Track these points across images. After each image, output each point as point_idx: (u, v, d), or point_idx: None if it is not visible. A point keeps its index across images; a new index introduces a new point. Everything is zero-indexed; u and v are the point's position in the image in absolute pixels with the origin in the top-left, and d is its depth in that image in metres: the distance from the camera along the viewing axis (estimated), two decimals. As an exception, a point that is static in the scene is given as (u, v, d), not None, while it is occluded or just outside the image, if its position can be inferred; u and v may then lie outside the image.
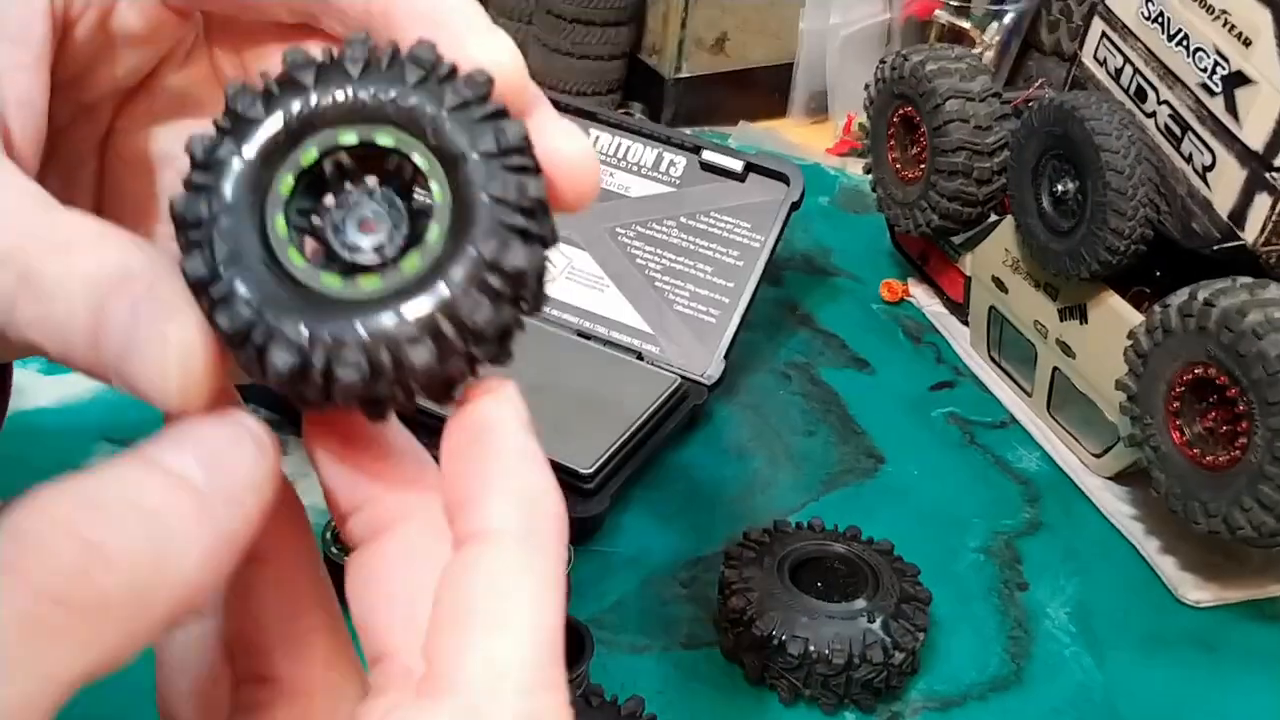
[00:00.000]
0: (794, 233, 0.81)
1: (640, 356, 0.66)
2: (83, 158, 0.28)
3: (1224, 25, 0.55)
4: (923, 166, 0.70)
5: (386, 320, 0.22)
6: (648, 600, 0.55)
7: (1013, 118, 0.67)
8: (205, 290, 0.22)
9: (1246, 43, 0.54)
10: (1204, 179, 0.57)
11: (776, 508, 0.61)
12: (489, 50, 0.24)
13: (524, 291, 0.23)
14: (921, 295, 0.79)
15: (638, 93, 0.98)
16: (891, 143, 0.73)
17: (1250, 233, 0.55)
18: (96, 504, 0.20)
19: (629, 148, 0.71)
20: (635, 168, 0.71)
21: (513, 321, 0.23)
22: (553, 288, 0.62)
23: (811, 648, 0.50)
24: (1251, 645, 0.57)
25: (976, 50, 0.93)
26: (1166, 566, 0.60)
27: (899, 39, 0.97)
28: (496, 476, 0.23)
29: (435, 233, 0.23)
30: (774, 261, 0.69)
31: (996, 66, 0.96)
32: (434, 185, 0.23)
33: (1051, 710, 0.53)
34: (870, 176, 0.76)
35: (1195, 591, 0.59)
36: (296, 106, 0.23)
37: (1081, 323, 0.64)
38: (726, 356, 0.66)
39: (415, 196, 0.24)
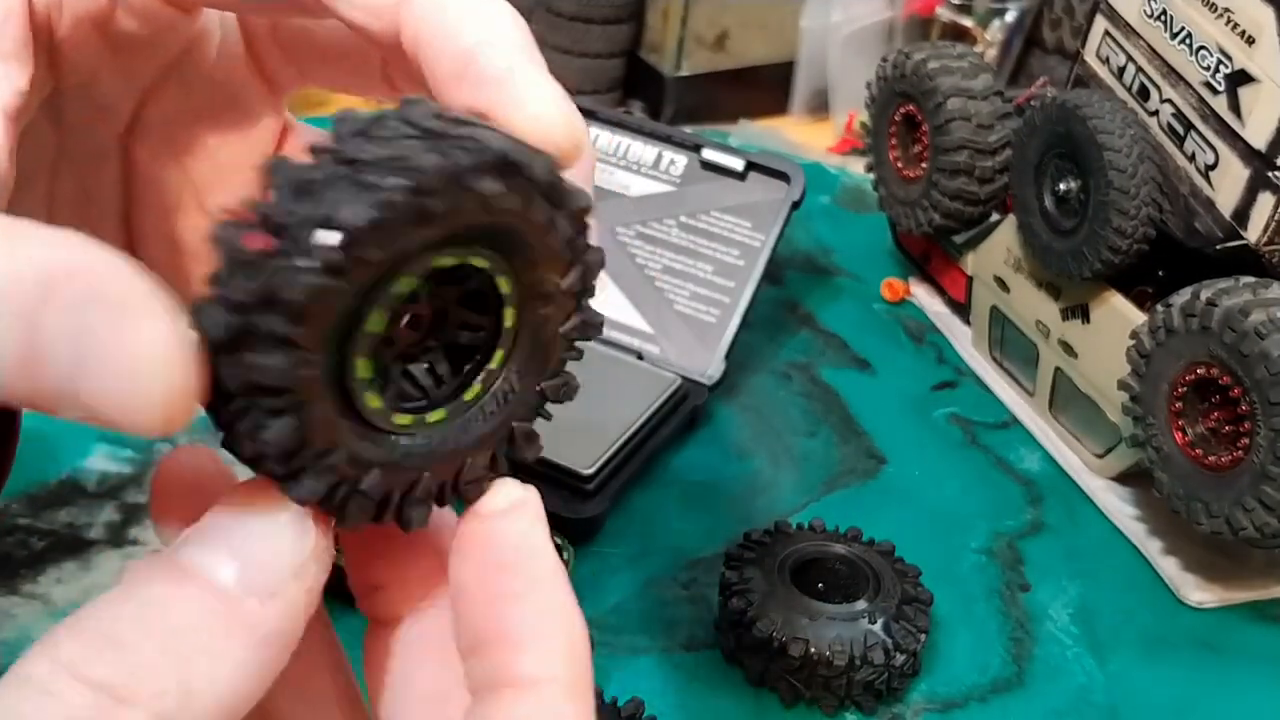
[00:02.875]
0: (795, 232, 0.80)
1: (640, 356, 0.66)
2: (103, 153, 0.27)
3: (1227, 23, 0.55)
4: (924, 165, 0.70)
5: (465, 463, 0.22)
6: (648, 602, 0.55)
7: (1015, 116, 0.67)
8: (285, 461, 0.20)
9: (1250, 41, 0.54)
10: (1207, 178, 0.56)
11: (777, 509, 0.61)
12: (540, 117, 0.21)
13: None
14: (923, 295, 0.78)
15: (638, 91, 0.98)
16: (893, 141, 0.72)
17: (1253, 232, 0.55)
18: (109, 638, 0.18)
19: (629, 146, 0.71)
20: (635, 166, 0.71)
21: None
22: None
23: (812, 649, 0.49)
24: (1254, 646, 0.57)
25: (979, 48, 0.93)
26: (1169, 567, 0.60)
27: (901, 37, 0.97)
28: (538, 617, 0.21)
29: (499, 359, 0.22)
30: (775, 261, 0.68)
31: (999, 65, 0.96)
32: (508, 311, 0.22)
33: (1053, 712, 0.53)
34: (872, 175, 0.76)
35: (1198, 592, 0.59)
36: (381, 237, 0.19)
37: (1084, 322, 0.63)
38: (727, 356, 0.66)
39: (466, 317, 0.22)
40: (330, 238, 0.18)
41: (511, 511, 0.22)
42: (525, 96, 0.22)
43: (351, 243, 0.18)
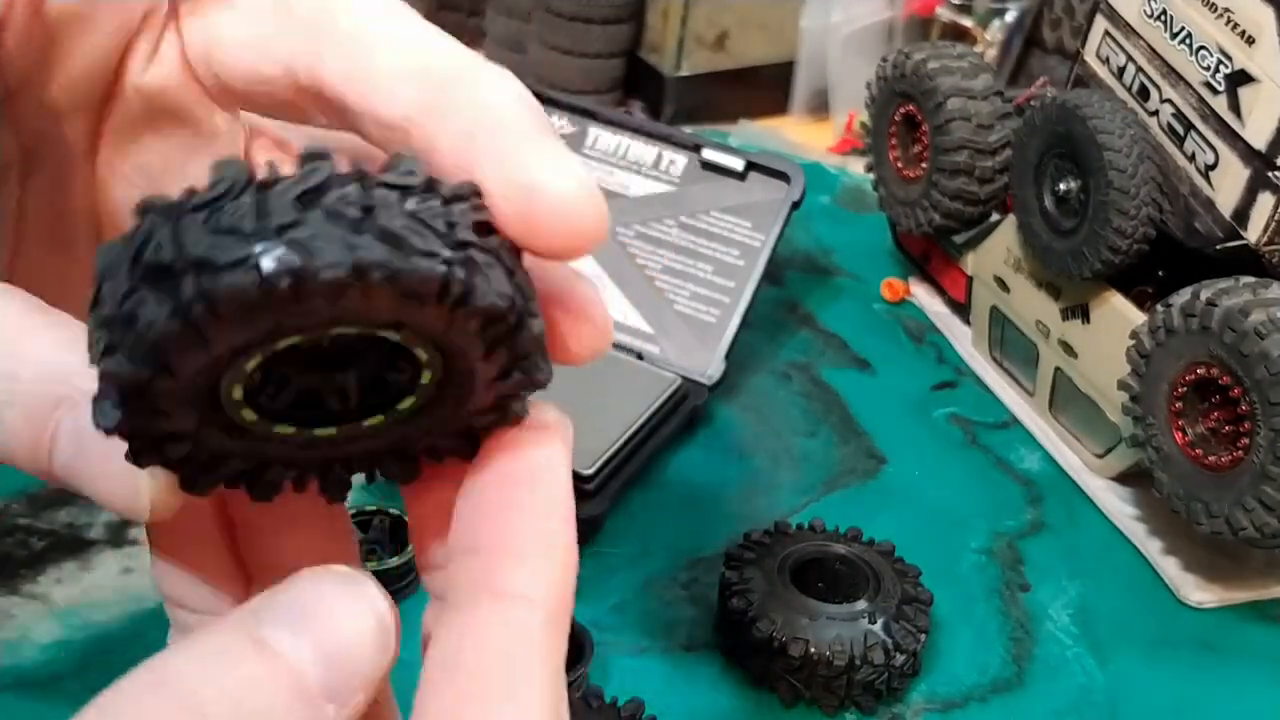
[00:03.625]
0: (795, 232, 0.80)
1: (640, 356, 0.66)
2: (72, 163, 0.27)
3: (1227, 23, 0.55)
4: (924, 165, 0.70)
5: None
6: (648, 602, 0.55)
7: (1015, 116, 0.67)
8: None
9: (1250, 41, 0.54)
10: (1207, 178, 0.56)
11: (777, 509, 0.60)
12: (557, 187, 0.20)
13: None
14: (923, 295, 0.78)
15: (638, 91, 0.98)
16: (893, 141, 0.72)
17: (1253, 232, 0.55)
18: (198, 707, 0.18)
19: (629, 146, 0.71)
20: (635, 166, 0.71)
21: None
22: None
23: (812, 649, 0.49)
24: (1254, 646, 0.57)
25: (979, 48, 0.93)
26: (1169, 568, 0.60)
27: (901, 37, 0.97)
28: (543, 537, 0.21)
29: (409, 404, 0.21)
30: (775, 261, 0.68)
31: (999, 65, 0.96)
32: (425, 373, 0.20)
33: (1053, 712, 0.52)
34: (872, 175, 0.76)
35: (1198, 593, 0.59)
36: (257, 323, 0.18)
37: (1084, 322, 0.63)
38: (727, 356, 0.66)
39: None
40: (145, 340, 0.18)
41: (548, 430, 0.22)
42: (539, 165, 0.20)
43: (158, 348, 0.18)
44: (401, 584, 0.52)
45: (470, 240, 0.19)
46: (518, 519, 0.21)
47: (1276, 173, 0.54)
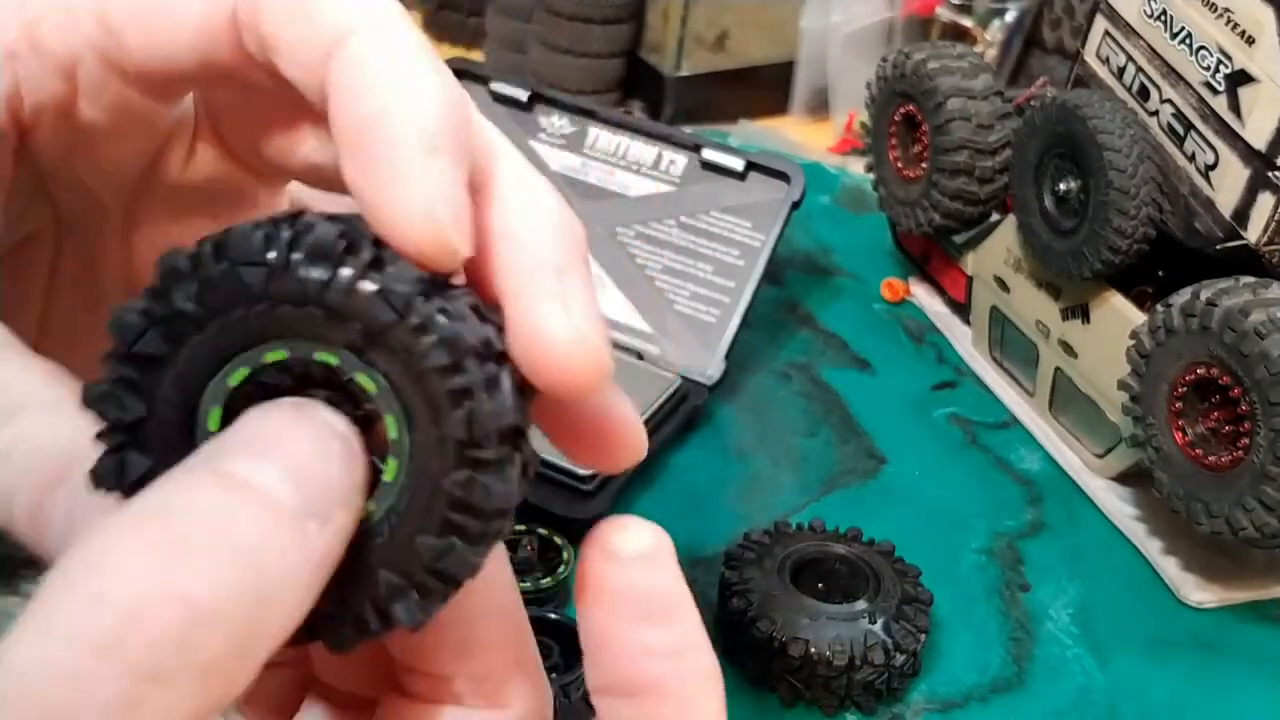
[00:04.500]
0: (795, 232, 0.80)
1: (640, 356, 0.66)
2: (107, 236, 0.27)
3: (1227, 23, 0.55)
4: (924, 165, 0.70)
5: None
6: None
7: (1015, 116, 0.67)
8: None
9: (1250, 41, 0.54)
10: (1207, 178, 0.56)
11: (777, 509, 0.60)
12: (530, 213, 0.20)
13: (499, 524, 0.20)
14: (923, 295, 0.78)
15: (638, 91, 0.98)
16: (893, 141, 0.72)
17: (1253, 232, 0.55)
18: (188, 544, 0.17)
19: (629, 146, 0.71)
20: (635, 166, 0.71)
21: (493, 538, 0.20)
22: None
23: (812, 649, 0.49)
24: (1254, 646, 0.57)
25: (979, 48, 0.93)
26: (1169, 568, 0.60)
27: (900, 37, 0.97)
28: (697, 681, 0.22)
29: (392, 469, 0.20)
30: (775, 261, 0.68)
31: (999, 64, 0.96)
32: (388, 418, 0.20)
33: (1053, 712, 0.53)
34: (872, 175, 0.76)
35: (1197, 593, 0.59)
36: (202, 334, 0.19)
37: (1084, 322, 0.63)
38: (727, 356, 0.66)
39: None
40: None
41: (654, 556, 0.22)
42: (546, 311, 0.20)
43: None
44: (553, 605, 0.53)
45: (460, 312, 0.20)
46: (665, 664, 0.22)
47: (1276, 173, 0.54)
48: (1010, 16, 0.95)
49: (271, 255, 0.19)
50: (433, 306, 0.19)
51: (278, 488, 0.18)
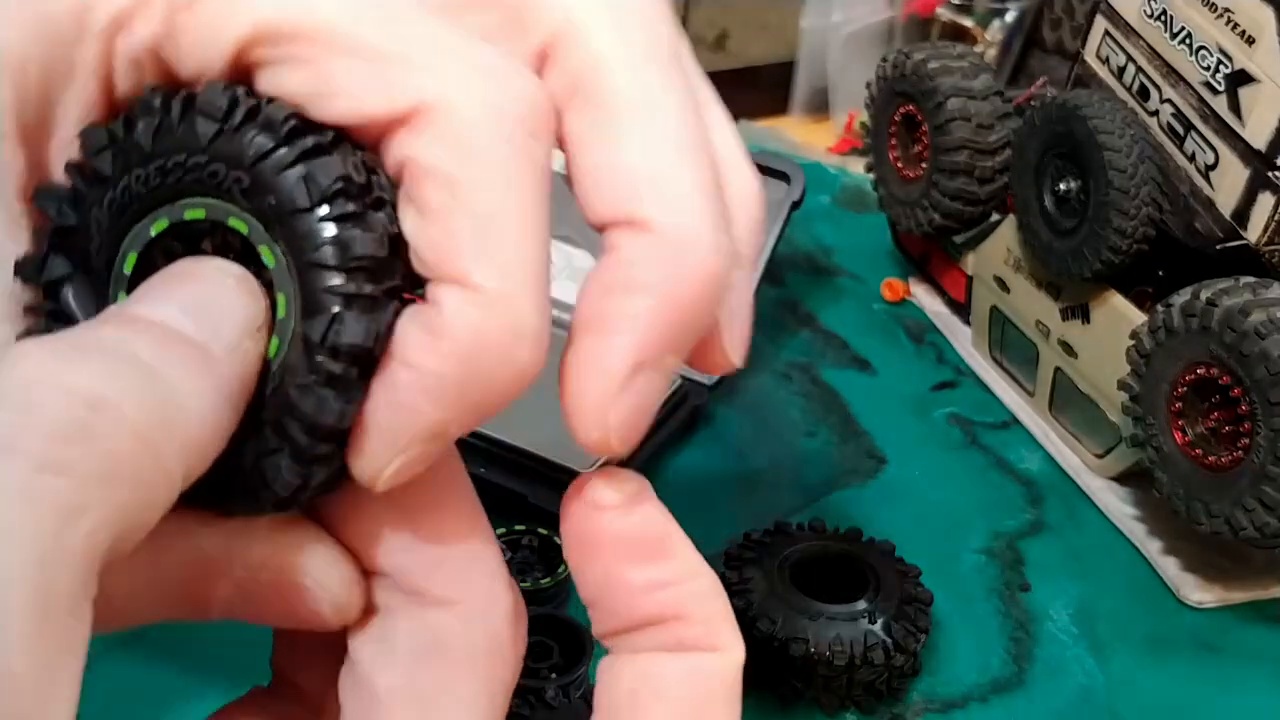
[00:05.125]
0: (795, 232, 0.80)
1: (640, 356, 0.66)
2: None
3: (1227, 23, 0.55)
4: (925, 165, 0.70)
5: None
6: (648, 602, 0.55)
7: (1015, 116, 0.67)
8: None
9: (1250, 41, 0.54)
10: (1207, 178, 0.56)
11: (777, 509, 0.60)
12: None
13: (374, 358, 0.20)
14: (923, 295, 0.78)
15: (638, 91, 0.98)
16: (893, 141, 0.72)
17: (1253, 232, 0.55)
18: (86, 355, 0.18)
19: (629, 147, 0.71)
20: (635, 167, 0.71)
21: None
22: (553, 288, 0.62)
23: (812, 649, 0.49)
24: (1254, 646, 0.57)
25: (979, 48, 0.93)
26: (1169, 568, 0.60)
27: (901, 37, 0.97)
28: (701, 600, 0.23)
29: (281, 305, 0.21)
30: (775, 261, 0.68)
31: (999, 64, 0.96)
32: (279, 296, 0.21)
33: (1054, 712, 0.53)
34: (872, 175, 0.76)
35: (1198, 593, 0.59)
36: (92, 216, 0.21)
37: (1084, 323, 0.63)
38: (727, 356, 0.66)
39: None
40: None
41: (636, 498, 0.23)
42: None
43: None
44: (553, 605, 0.52)
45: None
46: (670, 592, 0.22)
47: (1276, 173, 0.54)
48: (1010, 16, 0.95)
49: (229, 118, 0.20)
50: (348, 209, 0.20)
51: (177, 319, 0.19)
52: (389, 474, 0.21)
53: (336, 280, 0.20)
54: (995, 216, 0.70)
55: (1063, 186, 0.62)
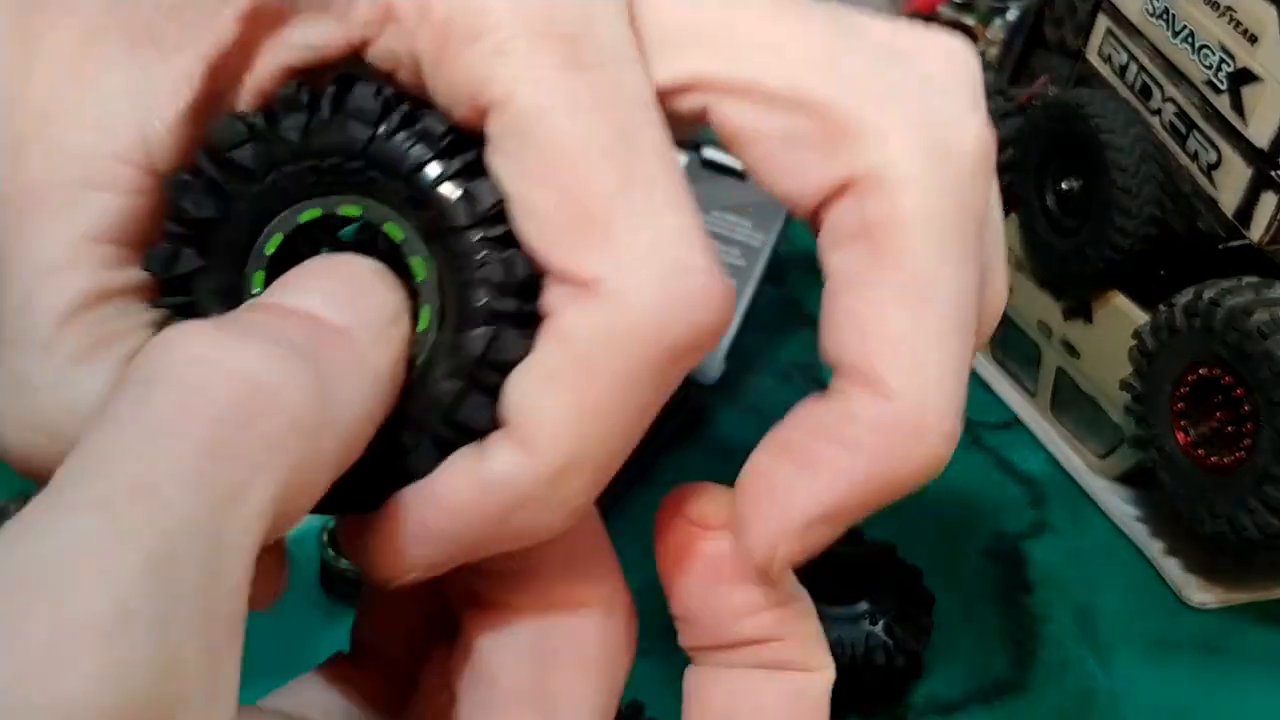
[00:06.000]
0: (796, 231, 0.80)
1: (641, 356, 0.66)
2: None
3: (1229, 22, 0.55)
4: (926, 165, 0.69)
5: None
6: (649, 603, 0.54)
7: (1017, 115, 0.67)
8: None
9: (1252, 40, 0.54)
10: (1209, 177, 0.56)
11: (778, 509, 0.60)
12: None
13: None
14: (924, 294, 0.78)
15: (639, 90, 0.98)
16: (894, 141, 0.72)
17: (1256, 232, 0.54)
18: (245, 339, 0.18)
19: (629, 146, 0.71)
20: (636, 166, 0.70)
21: None
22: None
23: (813, 651, 0.49)
24: (1257, 647, 0.57)
25: (980, 47, 0.92)
26: (1171, 568, 0.60)
27: (902, 36, 0.97)
28: (792, 622, 0.25)
29: (425, 317, 0.21)
30: (775, 261, 0.68)
31: (1000, 63, 0.95)
32: (414, 261, 0.21)
33: (1056, 714, 0.52)
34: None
35: (1200, 594, 0.59)
36: (240, 201, 0.21)
37: (1086, 322, 0.63)
38: (727, 357, 0.66)
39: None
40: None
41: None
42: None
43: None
44: None
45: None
46: (766, 615, 0.24)
47: (1279, 172, 0.53)
48: (1012, 15, 0.95)
49: (383, 121, 0.20)
50: (508, 230, 0.20)
51: (323, 309, 0.19)
52: (412, 578, 0.22)
53: (498, 299, 0.20)
54: (997, 216, 0.70)
55: (1065, 185, 0.61)
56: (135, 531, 0.15)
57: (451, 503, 0.20)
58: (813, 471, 0.21)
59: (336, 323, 0.19)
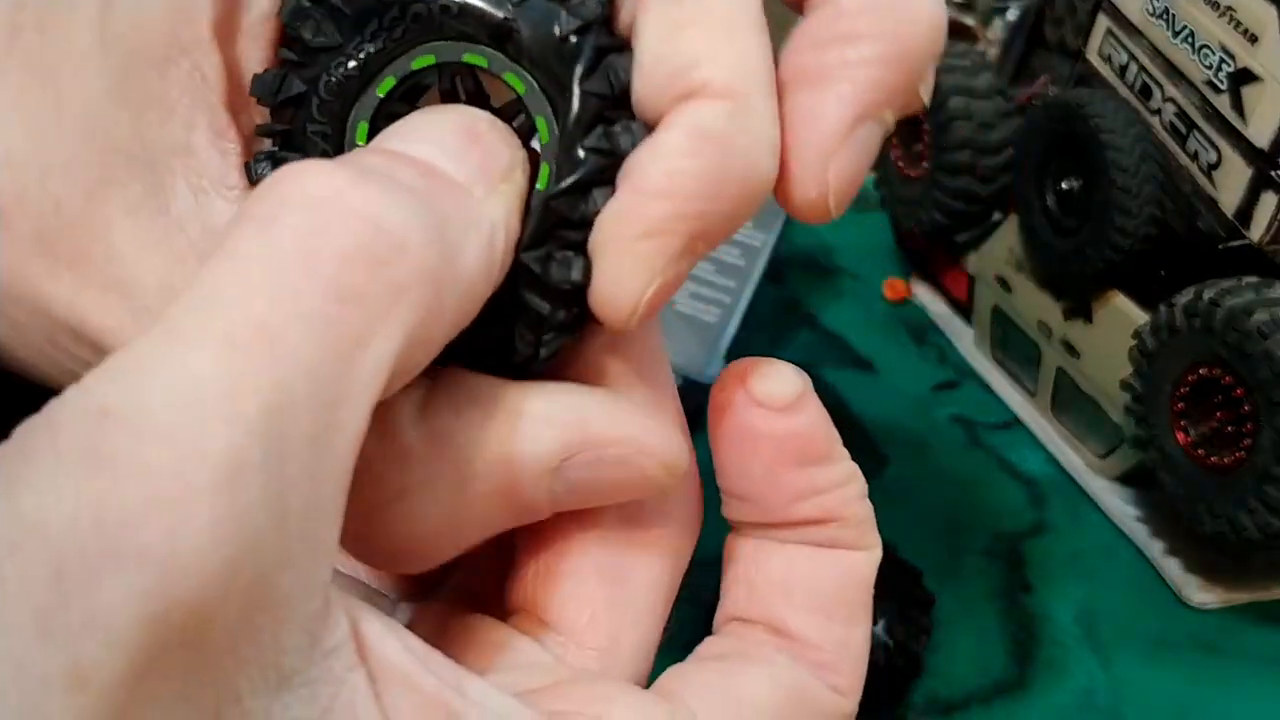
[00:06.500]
0: (796, 231, 0.80)
1: (641, 356, 0.66)
2: None
3: (1229, 22, 0.55)
4: (926, 164, 0.69)
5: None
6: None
7: (1017, 115, 0.67)
8: None
9: (1253, 40, 0.54)
10: (1209, 177, 0.56)
11: (778, 509, 0.60)
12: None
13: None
14: (925, 295, 0.78)
15: (639, 90, 0.98)
16: (895, 139, 0.72)
17: (1256, 232, 0.54)
18: (366, 179, 0.17)
19: (630, 146, 0.71)
20: (636, 166, 0.70)
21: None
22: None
23: (813, 651, 0.49)
24: (1257, 648, 0.57)
25: (980, 46, 0.92)
26: (1171, 568, 0.60)
27: (902, 36, 0.97)
28: (850, 501, 0.25)
29: (543, 129, 0.20)
30: (775, 260, 0.68)
31: (1001, 63, 0.95)
32: (510, 79, 0.21)
33: (1056, 713, 0.52)
34: (873, 174, 0.75)
35: (1200, 594, 0.59)
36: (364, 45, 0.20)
37: (1086, 322, 0.63)
38: (727, 357, 0.66)
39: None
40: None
41: (805, 398, 0.23)
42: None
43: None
44: None
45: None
46: (822, 498, 0.23)
47: (1279, 172, 0.53)
48: (1012, 15, 0.95)
49: None
50: (605, 40, 0.20)
51: (438, 158, 0.18)
52: (647, 299, 0.21)
53: (614, 110, 0.20)
54: (997, 216, 0.70)
55: (1065, 185, 0.61)
56: (256, 376, 0.15)
57: (673, 149, 0.20)
58: (832, 78, 0.21)
59: (453, 174, 0.18)
